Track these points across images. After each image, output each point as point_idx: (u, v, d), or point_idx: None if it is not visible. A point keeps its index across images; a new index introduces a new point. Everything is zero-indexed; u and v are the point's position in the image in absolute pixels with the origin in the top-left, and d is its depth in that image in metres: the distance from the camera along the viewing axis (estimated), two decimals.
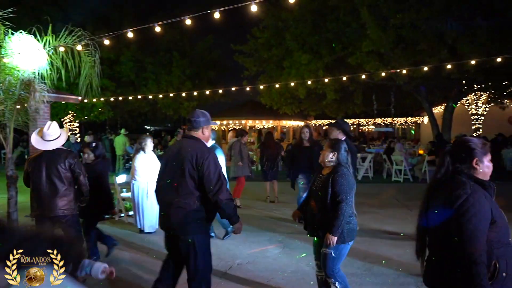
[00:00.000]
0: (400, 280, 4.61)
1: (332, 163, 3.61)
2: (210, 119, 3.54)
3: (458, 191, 2.13)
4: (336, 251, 3.48)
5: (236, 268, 5.06)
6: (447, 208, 2.14)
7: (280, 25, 15.71)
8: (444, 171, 2.28)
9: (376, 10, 12.49)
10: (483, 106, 20.65)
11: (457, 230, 2.08)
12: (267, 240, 6.30)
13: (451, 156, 2.28)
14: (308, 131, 7.26)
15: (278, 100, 17.08)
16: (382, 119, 26.67)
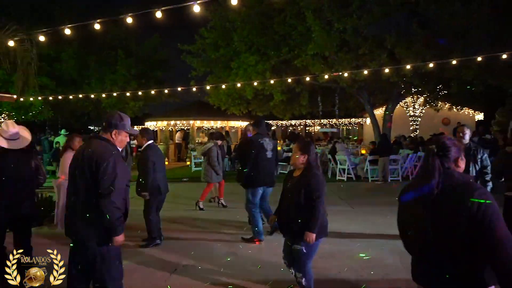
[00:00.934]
0: (341, 275, 4.79)
1: (303, 165, 3.79)
2: (128, 125, 3.30)
3: (476, 194, 1.96)
4: (307, 247, 3.68)
5: (181, 270, 5.01)
6: (464, 216, 1.94)
7: (228, 26, 15.73)
8: (439, 179, 2.06)
9: (321, 15, 12.86)
10: (420, 108, 21.94)
11: (484, 235, 1.89)
12: (214, 241, 6.30)
13: (439, 157, 2.13)
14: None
15: (226, 100, 17.10)
16: (327, 120, 27.49)
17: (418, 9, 11.86)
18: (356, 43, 12.56)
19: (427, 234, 2.04)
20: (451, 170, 2.11)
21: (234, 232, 6.71)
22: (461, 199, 1.96)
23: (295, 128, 33.35)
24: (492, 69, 11.53)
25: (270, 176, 6.25)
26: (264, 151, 6.09)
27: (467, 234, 1.92)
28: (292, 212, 3.72)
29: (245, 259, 5.43)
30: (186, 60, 17.13)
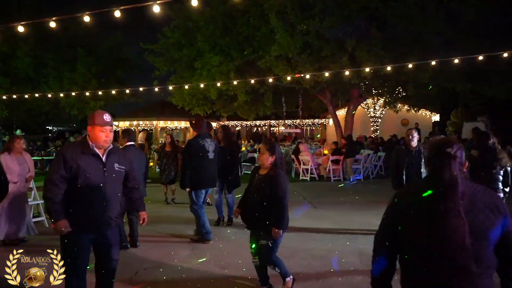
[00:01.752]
0: (303, 272, 4.88)
1: (271, 165, 4.02)
2: (100, 121, 3.31)
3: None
4: (273, 241, 3.97)
5: (142, 273, 4.94)
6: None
7: (191, 26, 15.61)
8: (463, 188, 1.92)
9: (284, 17, 13.00)
10: (380, 110, 22.58)
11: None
12: (176, 243, 6.25)
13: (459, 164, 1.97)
14: (225, 132, 7.38)
15: (190, 101, 16.95)
16: (291, 121, 27.79)
17: (377, 14, 12.22)
18: (319, 45, 12.79)
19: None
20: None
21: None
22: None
23: (258, 128, 33.51)
24: (446, 72, 12.06)
25: (213, 177, 6.27)
26: (205, 152, 6.10)
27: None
28: (259, 209, 3.96)
29: (206, 258, 5.43)
30: (149, 59, 16.87)
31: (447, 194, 1.88)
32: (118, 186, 3.44)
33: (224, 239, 6.43)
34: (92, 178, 3.24)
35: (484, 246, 1.88)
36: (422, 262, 1.94)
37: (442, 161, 1.95)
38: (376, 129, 22.63)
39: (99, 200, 3.26)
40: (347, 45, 12.18)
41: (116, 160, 3.42)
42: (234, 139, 7.55)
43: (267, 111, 19.41)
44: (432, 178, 1.99)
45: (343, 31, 12.60)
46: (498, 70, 12.64)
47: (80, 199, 3.24)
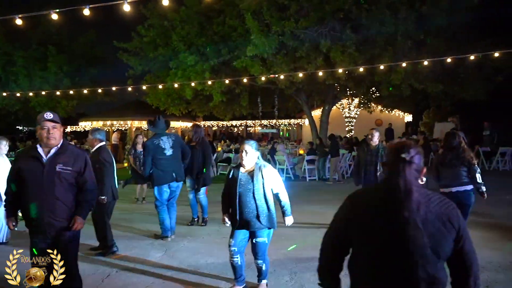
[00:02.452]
0: (276, 272, 4.90)
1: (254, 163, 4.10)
2: (40, 118, 3.31)
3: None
4: (268, 237, 4.17)
5: (114, 275, 4.87)
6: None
7: (167, 25, 15.44)
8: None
9: (259, 17, 13.03)
10: (355, 110, 22.94)
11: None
12: (149, 244, 6.18)
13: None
14: (195, 131, 7.37)
15: (165, 100, 16.76)
16: (268, 121, 27.90)
17: (351, 16, 12.39)
18: (294, 46, 12.87)
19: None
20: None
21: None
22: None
23: (232, 129, 33.50)
24: (417, 73, 12.36)
25: (175, 172, 6.39)
26: (161, 150, 6.31)
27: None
28: (257, 208, 4.03)
29: (179, 259, 5.39)
30: (123, 58, 16.59)
31: (404, 201, 1.77)
32: (63, 188, 3.30)
33: (198, 240, 6.40)
34: (29, 179, 3.24)
35: (434, 261, 1.78)
36: (371, 272, 1.85)
37: (397, 167, 1.83)
38: (351, 129, 22.97)
39: (39, 202, 3.22)
40: (321, 46, 12.30)
41: (62, 160, 3.30)
42: (205, 138, 7.52)
43: (243, 111, 19.43)
44: (387, 184, 1.89)
45: (318, 32, 12.72)
46: (467, 72, 13.06)
47: (23, 201, 3.29)
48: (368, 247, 1.86)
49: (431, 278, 1.77)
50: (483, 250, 5.67)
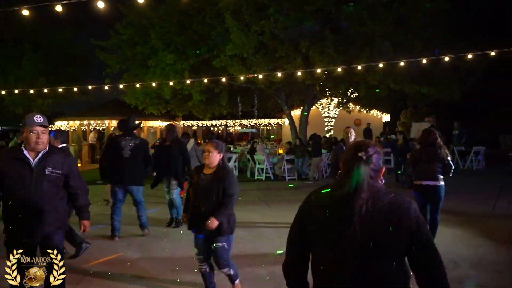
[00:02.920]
0: (254, 273, 4.90)
1: (217, 163, 3.93)
2: (30, 122, 3.16)
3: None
4: (228, 242, 3.90)
5: (89, 278, 4.77)
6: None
7: (145, 23, 15.26)
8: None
9: (239, 16, 13.01)
10: (334, 110, 23.16)
11: None
12: (127, 245, 6.09)
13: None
14: (169, 130, 7.34)
15: (143, 100, 16.55)
16: (247, 121, 27.90)
17: (330, 16, 12.51)
18: (273, 46, 12.90)
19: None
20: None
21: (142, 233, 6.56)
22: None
23: (211, 128, 33.39)
24: (394, 74, 12.56)
25: (129, 175, 6.30)
26: (120, 150, 6.30)
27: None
28: (210, 210, 3.79)
29: (154, 259, 5.33)
30: (100, 56, 16.30)
31: (351, 199, 1.77)
32: (52, 191, 3.24)
33: (175, 240, 6.34)
34: (17, 183, 3.11)
35: (381, 260, 1.75)
36: (320, 269, 1.87)
37: (352, 165, 1.84)
38: (330, 129, 23.18)
39: (27, 207, 3.11)
40: (301, 46, 12.37)
41: (51, 164, 3.23)
42: (179, 138, 7.45)
43: (223, 111, 19.35)
44: (343, 180, 1.86)
45: (297, 32, 12.79)
46: (443, 73, 13.34)
47: (10, 206, 3.13)
48: (321, 244, 1.87)
49: (374, 277, 1.74)
50: (457, 247, 5.82)
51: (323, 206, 1.88)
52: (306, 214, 1.96)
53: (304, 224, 1.95)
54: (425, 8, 12.12)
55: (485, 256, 5.43)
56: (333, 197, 1.87)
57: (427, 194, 5.56)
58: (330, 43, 12.22)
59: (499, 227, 6.97)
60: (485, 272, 4.86)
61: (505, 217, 7.65)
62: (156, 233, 6.65)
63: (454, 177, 5.87)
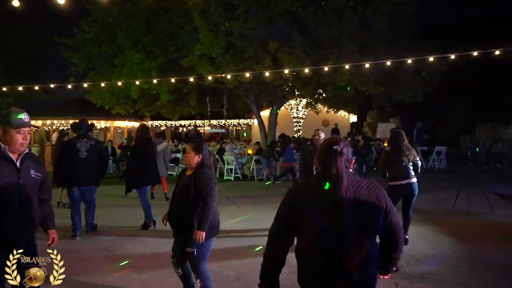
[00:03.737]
0: (222, 273, 4.89)
1: (197, 165, 3.79)
2: (16, 122, 2.95)
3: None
4: (199, 248, 3.65)
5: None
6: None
7: (111, 21, 14.92)
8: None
9: (208, 16, 12.93)
10: (303, 111, 23.44)
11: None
12: (91, 248, 5.95)
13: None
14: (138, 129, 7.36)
15: (109, 99, 16.16)
16: (217, 121, 27.80)
17: (298, 18, 12.61)
18: (242, 46, 12.89)
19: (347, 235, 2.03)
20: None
21: (110, 234, 6.43)
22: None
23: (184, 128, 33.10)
24: (360, 75, 12.82)
25: (84, 176, 6.50)
26: (76, 152, 6.46)
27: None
28: (182, 212, 3.70)
29: (126, 264, 5.23)
30: (64, 54, 15.80)
31: (335, 187, 2.05)
32: (34, 196, 3.06)
33: (142, 243, 6.25)
34: (5, 185, 2.84)
35: (367, 236, 2.08)
36: (315, 253, 2.08)
37: (330, 157, 2.12)
38: (299, 129, 23.46)
39: (13, 211, 2.88)
40: (269, 47, 12.42)
41: (33, 166, 3.04)
42: (149, 138, 7.34)
43: (192, 111, 19.20)
44: (322, 173, 2.15)
45: (266, 33, 12.84)
46: (406, 75, 13.74)
47: None
48: (308, 231, 2.09)
49: (362, 252, 2.04)
50: (419, 245, 6.02)
51: (308, 195, 2.15)
52: (292, 204, 2.18)
53: (289, 213, 2.17)
54: (388, 12, 12.43)
55: (445, 252, 5.65)
56: (318, 187, 2.11)
57: (403, 192, 5.88)
58: (298, 44, 12.33)
59: (459, 224, 7.26)
60: (445, 268, 5.05)
61: (464, 214, 7.97)
62: (123, 235, 6.53)
63: (417, 176, 6.12)
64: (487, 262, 5.26)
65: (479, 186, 8.70)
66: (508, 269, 4.99)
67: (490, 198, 8.62)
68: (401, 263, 5.17)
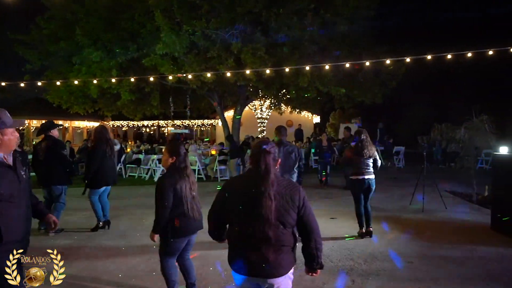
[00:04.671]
0: None
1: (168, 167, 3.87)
2: (11, 123, 2.86)
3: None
4: (164, 247, 3.89)
5: None
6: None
7: (69, 17, 14.43)
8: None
9: (170, 15, 12.77)
10: (267, 111, 23.59)
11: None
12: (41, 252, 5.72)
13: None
14: (97, 131, 7.18)
15: (67, 98, 15.62)
16: (180, 121, 27.48)
17: (261, 19, 12.68)
18: (205, 46, 12.81)
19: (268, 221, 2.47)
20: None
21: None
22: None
23: (146, 129, 32.51)
24: (321, 77, 13.05)
25: (43, 175, 6.81)
26: (37, 155, 6.74)
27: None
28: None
29: (79, 268, 5.07)
30: (19, 51, 15.14)
31: (263, 180, 2.50)
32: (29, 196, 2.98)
33: (97, 248, 6.08)
34: (9, 187, 2.71)
35: (282, 227, 2.50)
36: (240, 235, 2.54)
37: (260, 155, 2.56)
38: (263, 129, 23.58)
39: (19, 211, 2.79)
40: (232, 48, 12.41)
41: (21, 166, 2.90)
42: (108, 138, 7.14)
43: (155, 111, 18.87)
44: (252, 168, 2.61)
45: (229, 33, 12.82)
46: (366, 77, 14.11)
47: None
48: (237, 217, 2.55)
49: (277, 238, 2.48)
50: (375, 242, 6.19)
51: (239, 187, 2.63)
52: (225, 194, 2.64)
53: (223, 203, 2.64)
54: (349, 15, 12.72)
55: (401, 249, 5.83)
56: (249, 179, 2.60)
57: (363, 187, 6.38)
58: (261, 45, 12.39)
59: (415, 221, 7.52)
60: (400, 264, 5.21)
61: (419, 211, 8.28)
62: (81, 238, 6.33)
63: (376, 175, 6.35)
64: (439, 257, 5.47)
65: (434, 184, 9.04)
66: (459, 263, 5.21)
67: (444, 196, 9.01)
68: (358, 261, 5.31)
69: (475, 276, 4.78)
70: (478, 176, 9.46)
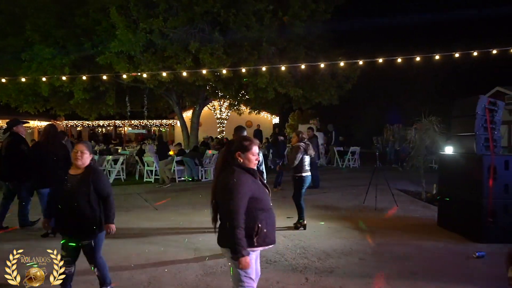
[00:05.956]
0: (134, 279, 4.73)
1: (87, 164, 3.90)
2: None
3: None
4: (96, 239, 3.81)
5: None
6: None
7: (18, 12, 13.75)
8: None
9: (126, 12, 12.47)
10: (226, 112, 23.55)
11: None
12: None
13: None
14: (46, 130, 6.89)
15: (16, 97, 14.87)
16: (137, 121, 26.91)
17: (220, 19, 12.64)
18: (163, 45, 12.60)
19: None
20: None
21: None
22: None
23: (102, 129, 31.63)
24: (280, 78, 13.21)
25: (3, 171, 6.86)
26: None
27: None
28: (81, 211, 3.70)
29: None
30: None
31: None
32: None
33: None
34: None
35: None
36: None
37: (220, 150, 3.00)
38: (222, 130, 23.54)
39: None
40: (190, 47, 12.29)
41: None
42: (57, 138, 6.89)
43: (111, 111, 18.33)
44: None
45: (187, 32, 12.68)
46: (323, 79, 14.41)
47: None
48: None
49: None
50: (330, 240, 6.34)
51: None
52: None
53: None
54: (307, 17, 12.95)
55: (353, 246, 6.00)
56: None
57: (307, 182, 7.03)
58: (219, 45, 12.35)
59: (368, 219, 7.76)
60: (353, 261, 5.36)
61: (372, 210, 8.56)
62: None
63: (332, 174, 6.52)
64: (390, 253, 5.68)
65: (386, 183, 9.37)
66: (407, 259, 5.43)
67: (396, 194, 9.36)
68: (312, 259, 5.42)
69: (422, 270, 5.00)
70: (428, 175, 9.91)
